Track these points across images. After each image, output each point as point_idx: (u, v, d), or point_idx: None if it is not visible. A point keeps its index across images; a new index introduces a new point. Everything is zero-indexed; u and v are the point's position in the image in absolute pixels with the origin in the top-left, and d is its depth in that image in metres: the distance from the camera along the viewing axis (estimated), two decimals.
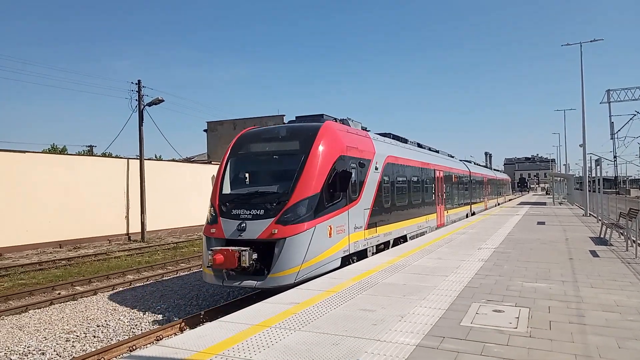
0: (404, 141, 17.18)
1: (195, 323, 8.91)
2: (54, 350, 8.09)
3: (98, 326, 9.35)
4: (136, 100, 26.46)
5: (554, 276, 8.05)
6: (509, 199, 56.33)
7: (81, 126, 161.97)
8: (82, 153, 44.61)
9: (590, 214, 23.96)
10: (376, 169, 12.41)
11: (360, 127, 13.17)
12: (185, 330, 8.66)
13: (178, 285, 13.21)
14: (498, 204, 41.04)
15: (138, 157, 26.74)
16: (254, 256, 8.96)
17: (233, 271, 9.10)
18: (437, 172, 19.37)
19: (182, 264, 16.84)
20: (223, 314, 7.07)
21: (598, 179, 23.13)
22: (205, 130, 51.90)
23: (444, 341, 4.77)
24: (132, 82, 26.66)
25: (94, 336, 8.80)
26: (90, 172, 24.51)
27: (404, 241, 14.27)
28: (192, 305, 11.00)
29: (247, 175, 10.50)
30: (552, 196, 45.89)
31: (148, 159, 28.80)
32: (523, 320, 5.45)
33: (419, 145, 19.34)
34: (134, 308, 10.74)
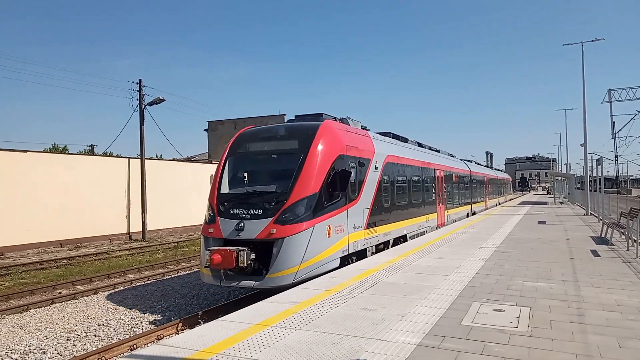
0: (404, 140, 17.10)
1: (192, 323, 8.85)
2: (55, 349, 8.10)
3: (99, 325, 9.36)
4: (137, 99, 26.52)
5: (555, 276, 8.04)
6: (510, 199, 56.33)
7: (82, 126, 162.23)
8: (83, 152, 44.66)
9: (591, 214, 23.94)
10: (376, 169, 12.35)
11: (359, 126, 13.09)
12: (182, 330, 8.61)
13: (179, 284, 13.22)
14: (499, 204, 41.04)
15: (139, 157, 26.78)
16: (252, 256, 8.90)
17: (231, 271, 9.04)
18: (438, 172, 19.31)
19: (183, 263, 16.86)
20: (222, 314, 7.05)
21: (599, 179, 23.11)
22: (206, 129, 51.92)
23: (445, 340, 4.77)
24: (133, 82, 26.72)
25: (95, 335, 8.81)
26: (91, 172, 24.52)
27: (404, 241, 14.23)
28: (193, 304, 11.01)
29: (246, 174, 10.41)
30: (553, 196, 45.89)
31: (149, 159, 28.83)
32: (524, 319, 5.44)
33: (419, 144, 19.26)
34: (135, 307, 10.75)
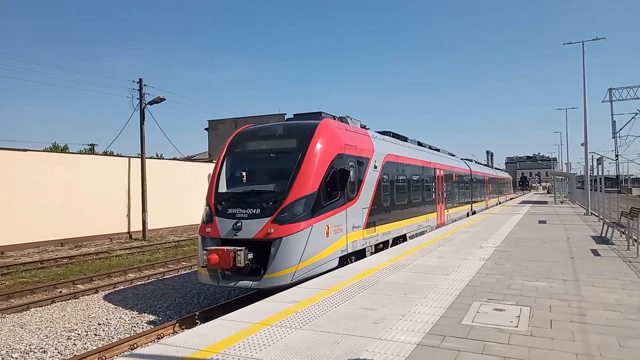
0: (404, 139, 17.01)
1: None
2: (56, 348, 8.10)
3: (99, 324, 9.37)
4: (137, 99, 26.51)
5: (555, 275, 8.04)
6: (511, 198, 56.31)
7: (82, 125, 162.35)
8: (84, 152, 44.66)
9: (591, 213, 23.94)
10: (375, 168, 12.28)
11: (359, 125, 13.01)
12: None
13: (179, 283, 13.23)
14: (499, 203, 41.03)
15: (139, 156, 26.78)
16: (250, 256, 8.82)
17: (228, 271, 8.97)
18: (438, 171, 19.26)
19: (184, 263, 16.86)
20: (222, 314, 7.01)
21: (599, 178, 23.09)
22: (206, 128, 51.90)
23: (445, 340, 4.77)
24: (134, 81, 26.72)
25: (95, 334, 8.82)
26: (91, 171, 24.52)
27: (404, 240, 14.16)
28: (194, 303, 11.02)
29: (243, 173, 10.29)
30: (554, 195, 45.86)
31: (149, 158, 28.84)
32: (524, 319, 5.44)
33: (419, 143, 19.18)
34: (135, 306, 10.76)
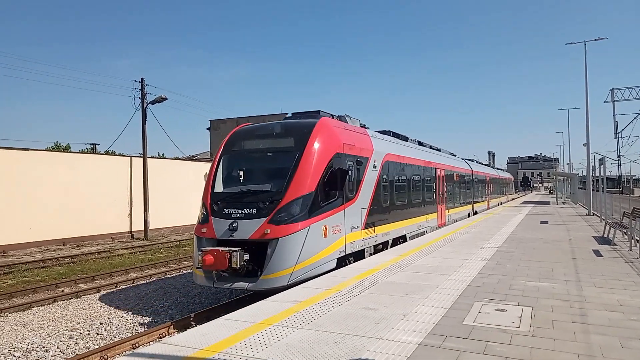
0: (404, 139, 16.87)
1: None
2: (58, 347, 8.12)
3: (101, 324, 9.39)
4: (139, 98, 26.53)
5: (557, 275, 8.03)
6: (512, 198, 56.24)
7: (84, 125, 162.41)
8: (85, 151, 44.75)
9: (593, 214, 23.90)
10: (374, 167, 12.16)
11: (358, 124, 12.89)
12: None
13: (181, 283, 13.24)
14: (501, 203, 40.98)
15: (141, 155, 26.81)
16: (246, 257, 8.69)
17: (224, 272, 8.84)
18: (438, 171, 19.16)
19: (185, 262, 16.87)
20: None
21: (602, 178, 23.06)
22: (208, 128, 51.96)
23: (447, 340, 4.77)
24: (136, 81, 26.73)
25: (97, 334, 8.83)
26: (93, 170, 24.56)
27: (404, 241, 14.06)
28: (195, 303, 11.03)
29: (240, 173, 10.12)
30: (556, 195, 45.80)
31: (151, 157, 28.87)
32: (526, 319, 5.44)
33: (420, 143, 19.07)
34: (137, 306, 10.78)
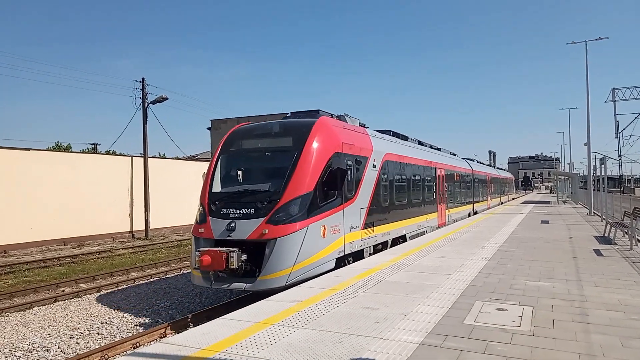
0: (404, 138, 16.80)
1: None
2: (58, 347, 8.13)
3: (102, 323, 9.40)
4: (140, 98, 26.53)
5: (558, 275, 8.02)
6: (513, 198, 56.22)
7: (84, 124, 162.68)
8: (86, 151, 44.78)
9: (594, 213, 23.88)
10: (374, 167, 12.09)
11: (357, 124, 12.81)
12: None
13: (182, 282, 13.25)
14: (501, 203, 40.96)
15: (142, 155, 26.82)
16: (243, 257, 8.62)
17: (222, 273, 8.78)
18: (439, 170, 19.12)
19: (186, 262, 16.87)
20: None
21: (602, 178, 23.04)
22: (209, 128, 51.97)
23: (447, 339, 4.76)
24: (136, 80, 26.74)
25: (98, 333, 8.84)
26: (94, 170, 24.59)
27: (403, 241, 13.99)
28: (196, 302, 11.04)
29: (238, 172, 9.95)
30: (556, 195, 45.78)
31: (152, 157, 28.90)
32: (526, 319, 5.44)
33: (420, 142, 19.01)
34: (138, 305, 10.79)
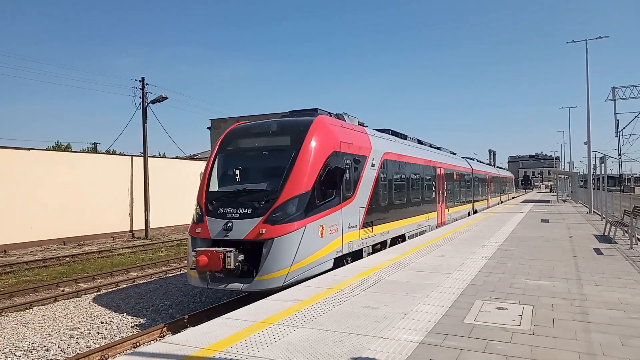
0: (403, 137, 16.73)
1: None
2: (58, 346, 8.14)
3: (102, 323, 9.40)
4: (140, 97, 26.52)
5: (558, 274, 8.03)
6: (513, 197, 56.21)
7: (84, 124, 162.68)
8: (86, 150, 44.77)
9: (594, 212, 23.89)
10: (373, 166, 12.03)
11: (356, 122, 12.76)
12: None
13: (182, 282, 13.24)
14: (501, 202, 40.95)
15: (142, 155, 26.82)
16: (240, 257, 8.59)
17: (219, 273, 8.73)
18: (438, 169, 19.07)
19: (186, 261, 16.85)
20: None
21: (602, 177, 23.04)
22: (208, 127, 51.96)
23: (447, 338, 4.76)
24: (136, 80, 26.74)
25: (98, 333, 8.85)
26: (93, 170, 24.59)
27: (402, 241, 13.93)
28: (196, 302, 11.05)
29: (235, 172, 9.84)
30: (556, 194, 45.78)
31: (152, 157, 28.90)
32: (526, 317, 5.44)
33: (419, 141, 18.96)
34: (138, 305, 10.79)
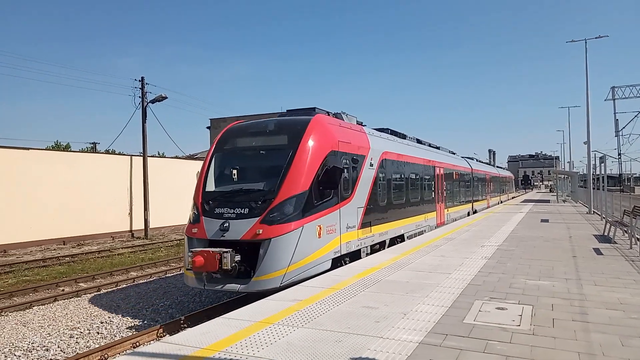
0: (402, 137, 16.65)
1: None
2: (58, 346, 8.13)
3: (102, 323, 9.40)
4: (139, 97, 26.51)
5: (558, 274, 8.03)
6: (512, 197, 56.23)
7: (84, 123, 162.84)
8: (86, 150, 44.73)
9: (594, 212, 23.90)
10: (371, 165, 11.97)
11: (355, 122, 12.70)
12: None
13: (181, 282, 13.21)
14: (501, 202, 40.94)
15: (141, 154, 26.81)
16: (237, 258, 8.53)
17: (216, 274, 8.67)
18: (437, 169, 19.02)
19: None
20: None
21: (602, 177, 23.05)
22: (208, 127, 51.92)
23: (447, 338, 4.77)
24: (136, 79, 26.78)
25: (98, 333, 8.84)
26: (93, 169, 24.57)
27: (401, 241, 13.89)
28: (195, 302, 11.04)
29: (232, 171, 9.76)
30: (556, 194, 45.81)
31: (151, 156, 28.89)
32: (526, 317, 5.44)
33: (419, 141, 18.90)
34: (138, 305, 10.79)
